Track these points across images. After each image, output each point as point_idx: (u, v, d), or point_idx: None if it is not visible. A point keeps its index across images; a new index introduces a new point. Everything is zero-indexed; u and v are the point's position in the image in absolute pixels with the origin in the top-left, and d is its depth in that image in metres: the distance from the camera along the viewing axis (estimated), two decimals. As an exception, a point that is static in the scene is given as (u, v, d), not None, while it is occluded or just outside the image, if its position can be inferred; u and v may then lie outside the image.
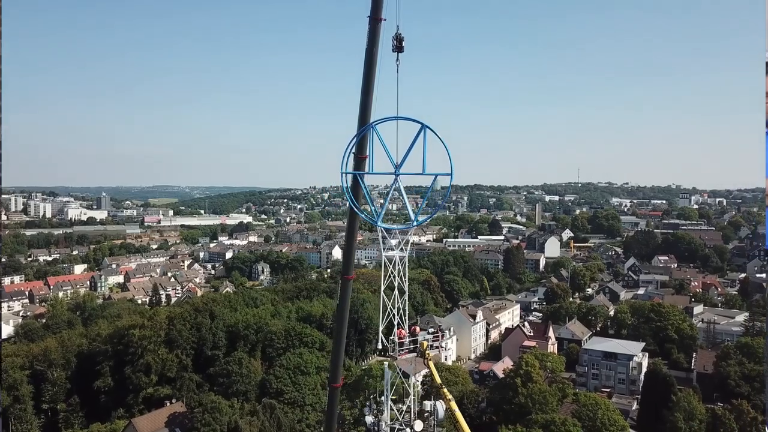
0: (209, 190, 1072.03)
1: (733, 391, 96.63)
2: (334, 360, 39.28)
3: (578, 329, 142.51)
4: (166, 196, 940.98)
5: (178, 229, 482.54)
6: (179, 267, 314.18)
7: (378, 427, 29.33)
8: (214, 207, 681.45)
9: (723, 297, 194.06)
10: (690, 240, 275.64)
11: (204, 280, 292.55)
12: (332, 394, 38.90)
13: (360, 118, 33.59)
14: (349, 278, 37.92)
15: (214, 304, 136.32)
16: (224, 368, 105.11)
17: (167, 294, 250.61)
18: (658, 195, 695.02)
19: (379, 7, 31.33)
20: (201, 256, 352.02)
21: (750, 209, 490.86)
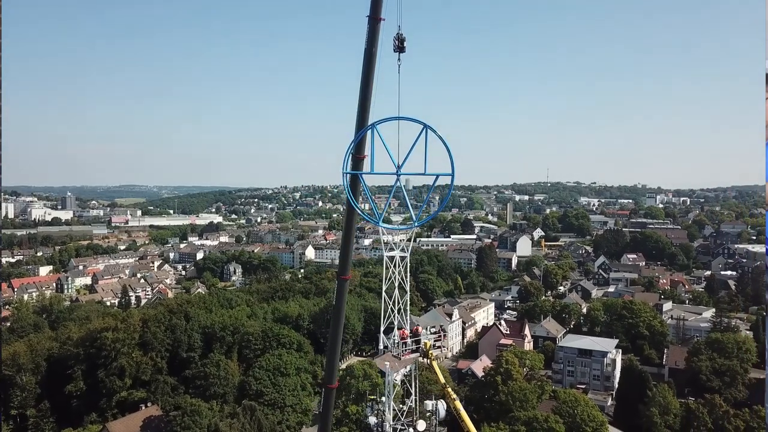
0: (178, 190, 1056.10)
1: (704, 386, 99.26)
2: (329, 361, 39.04)
3: (553, 327, 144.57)
4: (133, 196, 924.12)
5: (147, 230, 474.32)
6: (149, 268, 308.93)
7: (382, 427, 29.21)
8: (183, 207, 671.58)
9: (690, 294, 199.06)
10: (657, 238, 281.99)
11: (175, 281, 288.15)
12: (327, 395, 38.65)
13: (359, 118, 33.44)
14: (346, 278, 37.71)
15: (188, 306, 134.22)
16: (201, 370, 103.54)
17: (137, 295, 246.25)
18: (625, 194, 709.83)
19: (378, 6, 31.24)
20: (171, 256, 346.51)
21: (712, 208, 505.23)
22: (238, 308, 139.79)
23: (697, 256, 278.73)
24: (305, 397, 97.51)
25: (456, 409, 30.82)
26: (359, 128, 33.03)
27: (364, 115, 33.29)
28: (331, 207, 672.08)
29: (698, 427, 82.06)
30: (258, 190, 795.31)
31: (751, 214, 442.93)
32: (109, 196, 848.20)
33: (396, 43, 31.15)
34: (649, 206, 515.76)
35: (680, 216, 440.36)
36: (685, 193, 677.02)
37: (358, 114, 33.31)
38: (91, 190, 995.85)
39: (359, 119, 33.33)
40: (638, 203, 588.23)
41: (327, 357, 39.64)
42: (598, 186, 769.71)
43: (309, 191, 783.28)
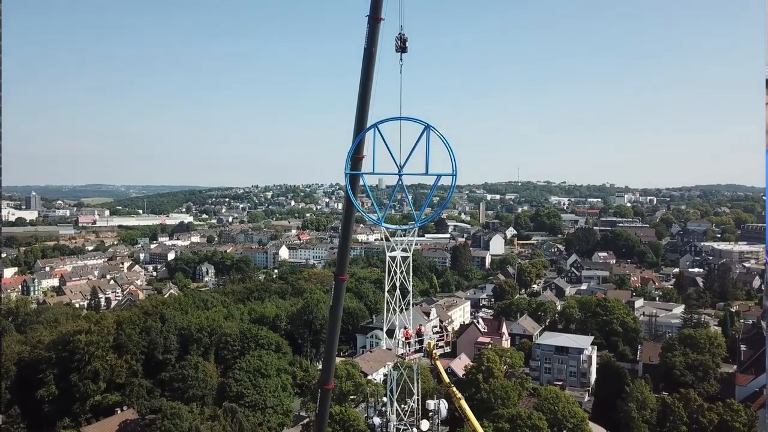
0: (146, 189, 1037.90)
1: (678, 381, 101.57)
2: (326, 362, 38.77)
3: (529, 325, 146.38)
4: (101, 196, 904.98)
5: (116, 230, 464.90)
6: (119, 269, 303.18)
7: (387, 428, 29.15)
8: (152, 207, 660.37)
9: (660, 291, 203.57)
10: (627, 237, 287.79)
11: (146, 282, 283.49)
12: (324, 396, 38.37)
13: (357, 119, 33.25)
14: (343, 279, 37.48)
15: (164, 307, 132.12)
16: (179, 372, 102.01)
17: (107, 297, 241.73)
18: (594, 193, 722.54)
19: (378, 6, 31.16)
20: (141, 257, 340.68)
21: (678, 207, 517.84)
22: (215, 309, 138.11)
23: (665, 253, 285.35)
24: (286, 398, 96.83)
25: (461, 408, 30.90)
26: (358, 128, 32.90)
27: (363, 115, 33.15)
28: (303, 206, 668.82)
29: (674, 421, 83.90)
30: (229, 189, 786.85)
31: (715, 213, 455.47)
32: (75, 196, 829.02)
33: (398, 44, 31.12)
34: (618, 205, 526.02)
35: (648, 215, 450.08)
36: (651, 192, 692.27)
37: (357, 114, 33.15)
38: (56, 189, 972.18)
39: (358, 119, 33.17)
40: (607, 202, 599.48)
41: (324, 358, 39.40)
42: (568, 185, 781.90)
43: (281, 191, 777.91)
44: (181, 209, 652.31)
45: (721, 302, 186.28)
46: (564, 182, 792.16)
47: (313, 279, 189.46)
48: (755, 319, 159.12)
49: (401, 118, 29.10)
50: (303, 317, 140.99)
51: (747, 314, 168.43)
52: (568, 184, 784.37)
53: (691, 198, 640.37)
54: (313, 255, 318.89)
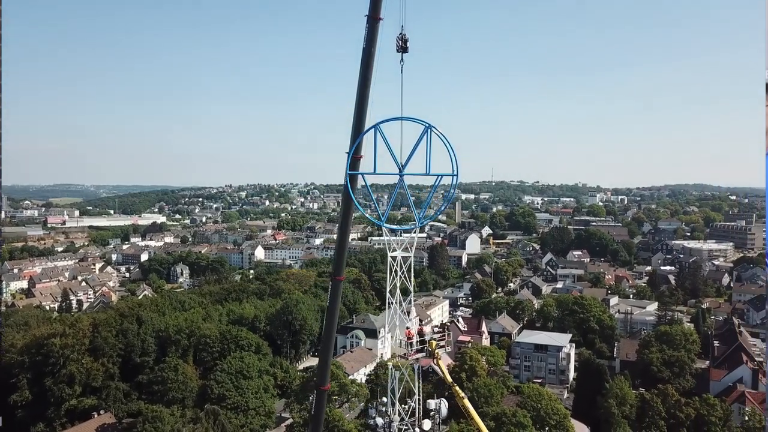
0: (117, 189, 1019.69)
1: (655, 377, 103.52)
2: (322, 362, 38.50)
3: (508, 323, 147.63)
4: (69, 196, 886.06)
5: (86, 231, 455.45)
6: (90, 270, 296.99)
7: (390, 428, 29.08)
8: (124, 207, 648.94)
9: (634, 288, 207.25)
10: (601, 236, 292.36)
11: (118, 283, 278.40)
12: (320, 398, 38.12)
13: (356, 119, 33.08)
14: (340, 279, 37.28)
15: (140, 309, 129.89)
16: (159, 375, 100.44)
17: (78, 299, 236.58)
18: (567, 193, 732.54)
19: (378, 6, 31.06)
20: (114, 258, 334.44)
21: (649, 206, 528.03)
22: (192, 311, 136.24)
23: (637, 252, 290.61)
24: (268, 399, 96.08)
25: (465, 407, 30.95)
26: (356, 128, 32.76)
27: (361, 115, 33.00)
28: (278, 206, 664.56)
29: (653, 417, 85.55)
30: (202, 189, 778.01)
31: (684, 212, 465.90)
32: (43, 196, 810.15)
33: (399, 43, 31.08)
34: (591, 204, 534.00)
35: (620, 214, 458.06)
36: (622, 192, 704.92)
37: (355, 114, 32.99)
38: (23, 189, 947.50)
39: (356, 119, 33.01)
40: (580, 201, 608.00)
41: (320, 358, 39.15)
42: (541, 185, 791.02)
43: (255, 190, 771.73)
44: (153, 209, 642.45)
45: (692, 299, 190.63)
46: (537, 182, 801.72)
47: (291, 279, 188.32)
48: (725, 315, 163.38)
49: (402, 118, 29.07)
50: (282, 318, 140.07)
51: (717, 311, 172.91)
52: (541, 184, 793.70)
53: (661, 197, 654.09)
54: (289, 255, 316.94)
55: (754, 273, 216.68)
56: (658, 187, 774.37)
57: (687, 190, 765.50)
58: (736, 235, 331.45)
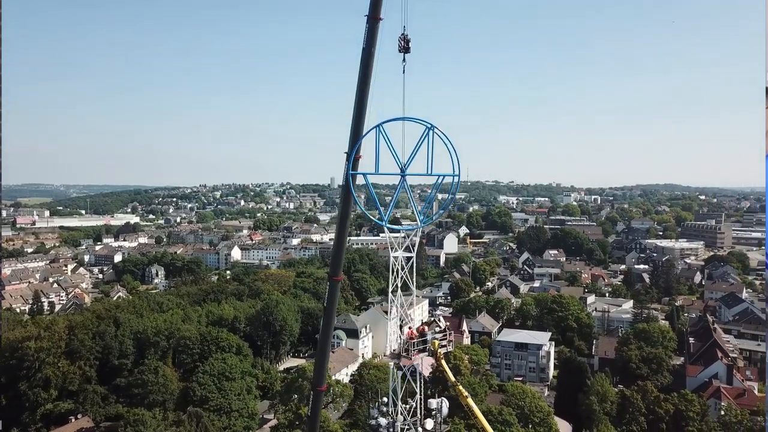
0: (88, 189, 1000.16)
1: (633, 373, 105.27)
2: (318, 363, 38.29)
3: (488, 322, 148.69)
4: (38, 196, 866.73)
5: (57, 231, 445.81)
6: (62, 272, 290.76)
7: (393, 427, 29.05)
8: (95, 207, 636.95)
9: (610, 287, 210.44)
10: (576, 235, 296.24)
11: (91, 285, 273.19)
12: (316, 398, 37.90)
13: (355, 119, 32.95)
14: (338, 280, 37.10)
15: (117, 311, 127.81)
16: (138, 378, 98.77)
17: (50, 301, 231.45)
18: (541, 193, 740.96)
19: (378, 6, 30.99)
20: (86, 259, 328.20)
21: (622, 206, 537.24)
22: (171, 312, 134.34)
23: (612, 251, 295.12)
24: (251, 401, 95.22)
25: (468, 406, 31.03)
26: (355, 128, 32.66)
27: (360, 115, 32.89)
28: (254, 206, 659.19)
29: (633, 413, 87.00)
30: (176, 189, 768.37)
31: (656, 211, 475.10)
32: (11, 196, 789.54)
33: (401, 44, 31.08)
34: (566, 204, 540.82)
35: (594, 213, 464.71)
36: (595, 192, 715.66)
37: (354, 114, 32.87)
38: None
39: (355, 119, 32.89)
40: (554, 201, 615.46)
41: (316, 359, 38.94)
42: (516, 185, 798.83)
43: (230, 190, 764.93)
44: (126, 209, 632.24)
45: (666, 297, 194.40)
46: (512, 182, 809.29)
47: (270, 280, 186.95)
48: (698, 312, 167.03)
49: (405, 118, 29.06)
50: (262, 319, 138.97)
51: (690, 308, 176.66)
52: (516, 184, 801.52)
53: (633, 197, 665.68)
54: (266, 255, 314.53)
55: (725, 271, 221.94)
56: (630, 187, 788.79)
57: (658, 189, 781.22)
58: (706, 234, 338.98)
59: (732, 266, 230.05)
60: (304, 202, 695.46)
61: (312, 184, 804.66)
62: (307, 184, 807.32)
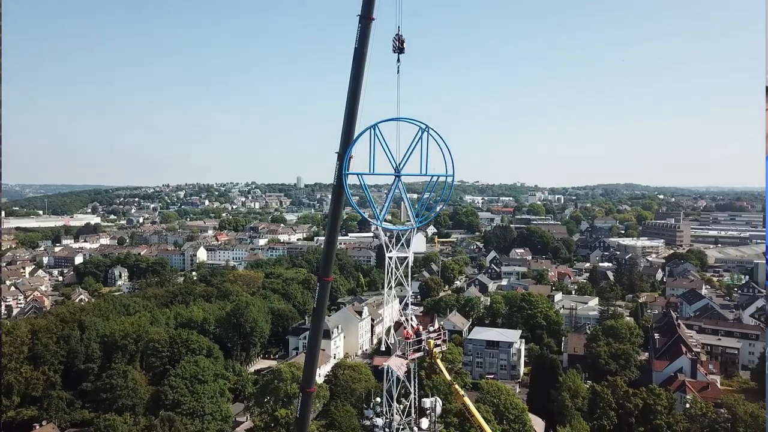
0: (45, 189, 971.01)
1: (603, 369, 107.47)
2: (308, 364, 37.93)
3: (458, 320, 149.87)
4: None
5: (13, 232, 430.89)
6: (19, 274, 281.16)
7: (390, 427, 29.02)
8: (53, 207, 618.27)
9: (576, 285, 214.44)
10: (542, 234, 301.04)
11: (51, 287, 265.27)
12: (306, 399, 37.54)
13: (347, 119, 32.78)
14: (328, 280, 36.86)
15: (83, 314, 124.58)
16: (106, 382, 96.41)
17: (8, 305, 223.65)
18: (506, 192, 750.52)
19: (371, 6, 30.90)
20: (45, 261, 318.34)
21: (585, 205, 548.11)
22: (139, 315, 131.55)
23: (576, 249, 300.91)
24: (224, 403, 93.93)
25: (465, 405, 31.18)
26: (347, 129, 32.51)
27: (352, 116, 32.75)
28: (218, 206, 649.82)
29: (604, 408, 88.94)
30: (138, 188, 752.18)
31: (618, 210, 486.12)
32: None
33: (396, 44, 31.05)
34: (531, 204, 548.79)
35: (558, 212, 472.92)
36: (559, 191, 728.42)
37: (346, 114, 32.68)
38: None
39: (347, 120, 32.71)
40: (519, 201, 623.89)
41: (306, 360, 38.57)
42: (481, 184, 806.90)
43: (194, 189, 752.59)
44: (86, 210, 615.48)
45: (630, 294, 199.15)
46: (477, 182, 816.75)
47: (238, 281, 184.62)
48: (660, 309, 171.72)
49: (400, 119, 29.07)
50: (232, 320, 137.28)
51: (653, 304, 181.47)
52: (481, 184, 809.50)
53: (595, 196, 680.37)
54: (233, 256, 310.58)
55: (685, 268, 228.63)
56: (592, 187, 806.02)
57: (618, 189, 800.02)
58: (666, 232, 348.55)
59: (691, 263, 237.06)
60: (270, 201, 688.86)
61: (278, 184, 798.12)
62: (272, 183, 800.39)
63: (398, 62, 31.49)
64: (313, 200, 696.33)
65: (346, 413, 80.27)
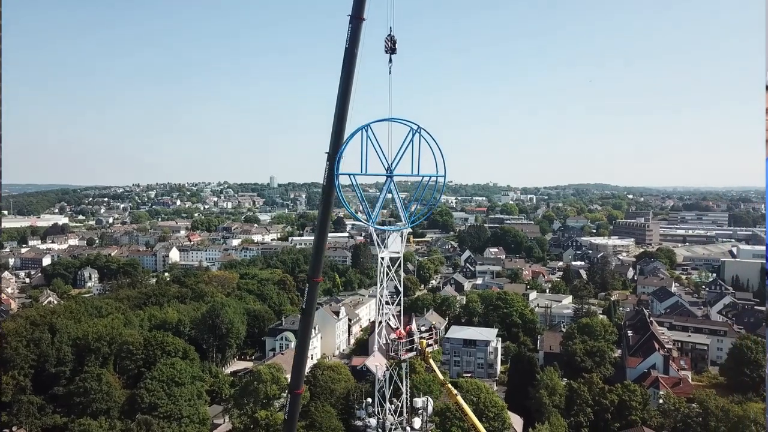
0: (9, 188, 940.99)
1: (579, 367, 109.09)
2: (296, 366, 37.67)
3: (435, 319, 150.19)
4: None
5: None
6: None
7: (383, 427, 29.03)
8: (19, 207, 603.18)
9: (550, 283, 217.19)
10: (515, 233, 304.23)
11: (18, 289, 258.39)
12: (294, 401, 37.30)
13: (337, 119, 32.66)
14: (317, 281, 36.67)
15: (54, 316, 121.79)
16: (80, 386, 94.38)
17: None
18: (479, 192, 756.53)
19: (361, 6, 30.83)
20: (11, 262, 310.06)
21: (556, 205, 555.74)
22: (112, 317, 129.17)
23: (550, 248, 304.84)
24: (202, 406, 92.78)
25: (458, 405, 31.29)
26: (337, 129, 32.39)
27: (342, 116, 32.64)
28: (190, 206, 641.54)
29: (581, 404, 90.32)
30: (107, 188, 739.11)
31: (589, 210, 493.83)
32: None
33: (388, 45, 31.01)
34: (504, 203, 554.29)
35: (531, 212, 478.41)
36: (531, 191, 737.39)
37: (337, 114, 32.56)
38: None
39: (337, 120, 32.59)
40: (492, 200, 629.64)
41: (294, 362, 38.31)
42: (454, 184, 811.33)
43: (165, 189, 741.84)
44: (53, 210, 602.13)
45: (603, 292, 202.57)
46: (450, 181, 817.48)
47: (213, 282, 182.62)
48: (632, 306, 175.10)
49: (392, 119, 29.09)
50: (207, 322, 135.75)
51: (625, 302, 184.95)
52: (455, 183, 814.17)
53: (567, 196, 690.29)
54: (206, 257, 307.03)
55: (655, 267, 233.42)
56: (563, 186, 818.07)
57: (589, 189, 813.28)
58: (636, 231, 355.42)
59: (661, 262, 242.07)
60: (243, 201, 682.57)
61: (251, 183, 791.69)
62: (245, 183, 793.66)
63: (390, 63, 31.51)
64: (286, 200, 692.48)
65: (326, 414, 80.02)
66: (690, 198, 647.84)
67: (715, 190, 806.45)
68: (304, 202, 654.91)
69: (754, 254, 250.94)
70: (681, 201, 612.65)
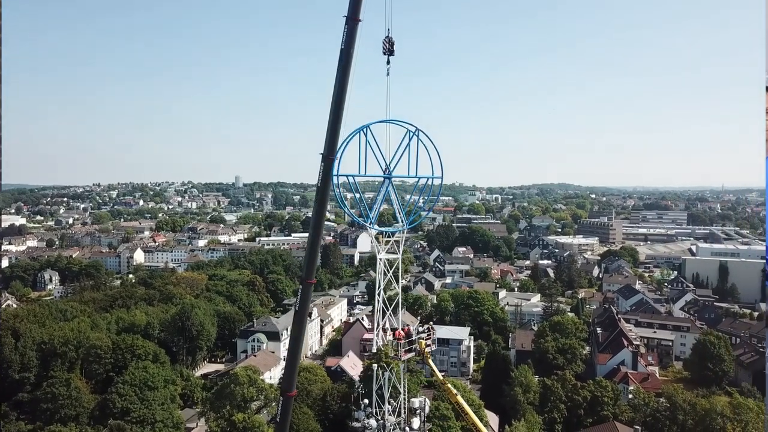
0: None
1: (551, 364, 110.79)
2: (288, 368, 37.29)
3: (407, 319, 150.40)
4: None
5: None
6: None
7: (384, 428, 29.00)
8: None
9: (518, 282, 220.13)
10: (483, 233, 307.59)
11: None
12: (286, 403, 36.89)
13: (332, 121, 32.46)
14: (311, 282, 36.38)
15: (17, 320, 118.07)
16: (47, 391, 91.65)
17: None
18: (445, 192, 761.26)
19: (357, 7, 30.76)
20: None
21: (522, 204, 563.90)
22: (78, 320, 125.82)
23: (517, 247, 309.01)
24: (175, 410, 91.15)
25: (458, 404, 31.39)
26: (332, 130, 32.21)
27: (338, 117, 32.47)
28: (154, 206, 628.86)
29: (554, 401, 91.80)
30: (66, 188, 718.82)
31: (554, 209, 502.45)
32: None
33: (386, 46, 30.98)
34: (471, 203, 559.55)
35: (497, 211, 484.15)
36: (496, 191, 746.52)
37: (332, 116, 32.36)
38: None
39: (332, 121, 32.40)
40: (458, 200, 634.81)
41: (286, 364, 37.88)
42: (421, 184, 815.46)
43: (127, 189, 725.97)
44: (9, 210, 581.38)
45: (570, 290, 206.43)
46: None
47: (181, 284, 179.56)
48: (598, 304, 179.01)
49: (389, 121, 29.11)
50: (177, 324, 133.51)
51: (592, 300, 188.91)
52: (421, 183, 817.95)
53: (531, 196, 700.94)
54: (172, 258, 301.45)
55: (619, 265, 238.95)
56: (527, 186, 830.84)
57: (553, 189, 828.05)
58: (599, 230, 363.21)
59: (625, 260, 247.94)
60: (208, 201, 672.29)
61: (215, 183, 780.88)
62: (210, 182, 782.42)
63: (388, 64, 31.50)
64: (252, 200, 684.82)
65: (303, 415, 79.46)
66: (650, 198, 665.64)
67: (673, 190, 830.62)
68: (270, 202, 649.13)
69: (713, 252, 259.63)
70: (641, 201, 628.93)
